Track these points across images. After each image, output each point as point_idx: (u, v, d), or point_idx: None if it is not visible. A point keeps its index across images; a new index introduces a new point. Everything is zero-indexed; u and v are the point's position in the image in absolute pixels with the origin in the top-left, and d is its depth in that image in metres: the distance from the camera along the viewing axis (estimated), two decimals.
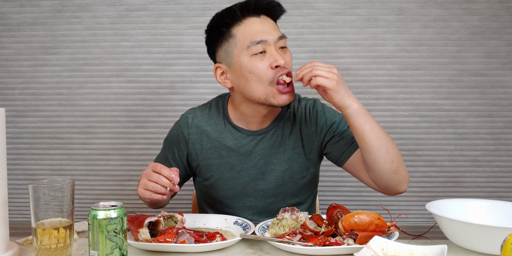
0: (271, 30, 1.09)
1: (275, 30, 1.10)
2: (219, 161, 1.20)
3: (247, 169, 1.20)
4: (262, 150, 1.20)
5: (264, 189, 1.21)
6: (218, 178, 1.21)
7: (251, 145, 1.20)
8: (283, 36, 1.11)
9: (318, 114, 1.21)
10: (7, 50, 1.94)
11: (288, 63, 1.10)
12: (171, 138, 1.25)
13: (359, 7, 1.87)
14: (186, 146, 1.22)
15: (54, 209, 0.88)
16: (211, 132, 1.21)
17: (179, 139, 1.22)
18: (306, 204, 1.28)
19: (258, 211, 1.23)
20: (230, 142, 1.20)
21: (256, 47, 1.07)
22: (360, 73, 1.89)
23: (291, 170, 1.20)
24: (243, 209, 1.23)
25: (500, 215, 1.08)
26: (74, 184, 0.91)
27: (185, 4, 1.89)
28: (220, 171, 1.21)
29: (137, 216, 1.04)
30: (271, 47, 1.08)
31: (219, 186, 1.22)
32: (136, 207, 1.97)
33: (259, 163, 1.20)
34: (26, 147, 1.97)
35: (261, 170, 1.20)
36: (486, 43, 1.87)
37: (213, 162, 1.21)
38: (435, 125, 1.90)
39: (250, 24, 1.09)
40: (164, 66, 1.92)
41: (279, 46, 1.09)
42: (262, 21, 1.10)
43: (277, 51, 1.08)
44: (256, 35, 1.07)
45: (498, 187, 1.91)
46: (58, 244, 0.88)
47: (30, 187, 0.87)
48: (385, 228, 0.97)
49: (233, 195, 1.22)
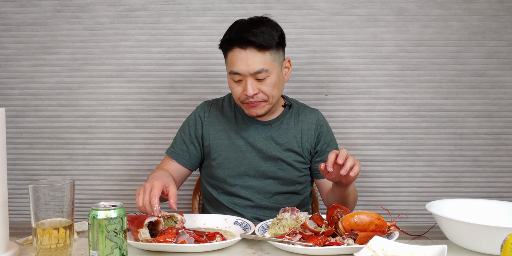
0: (248, 65, 1.22)
1: (254, 64, 1.22)
2: (227, 141, 1.39)
3: (251, 151, 1.38)
4: (264, 138, 1.38)
5: (265, 171, 1.38)
6: (226, 157, 1.38)
7: (255, 133, 1.38)
8: (261, 71, 1.23)
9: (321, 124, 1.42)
10: (7, 50, 1.94)
11: (265, 91, 1.26)
12: (188, 122, 1.44)
13: (359, 7, 1.87)
14: (201, 127, 1.42)
15: (54, 209, 0.88)
16: (223, 118, 1.42)
17: (196, 121, 1.43)
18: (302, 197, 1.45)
19: (258, 191, 1.38)
20: (238, 127, 1.39)
21: (234, 76, 1.26)
22: (360, 73, 1.89)
23: (289, 158, 1.38)
24: (244, 188, 1.38)
25: (500, 215, 1.08)
26: (74, 184, 0.91)
27: (185, 4, 1.89)
28: (228, 151, 1.38)
29: (137, 216, 1.04)
30: (246, 78, 1.24)
31: (225, 165, 1.38)
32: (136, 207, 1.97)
33: (262, 148, 1.37)
34: (26, 147, 1.97)
35: (263, 154, 1.37)
36: (486, 43, 1.87)
37: (222, 142, 1.39)
38: (435, 125, 1.90)
39: (234, 54, 1.24)
40: (164, 66, 1.92)
41: (256, 78, 1.24)
42: (246, 55, 1.22)
43: (251, 81, 1.24)
44: (233, 66, 1.24)
45: (498, 187, 1.91)
46: (58, 244, 0.88)
47: (30, 187, 0.87)
48: (385, 228, 0.97)
49: (237, 174, 1.38)
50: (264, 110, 1.31)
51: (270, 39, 1.23)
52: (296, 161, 1.39)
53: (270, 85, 1.26)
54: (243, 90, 1.26)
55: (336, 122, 1.91)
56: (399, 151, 1.91)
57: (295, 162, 1.38)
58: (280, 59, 1.30)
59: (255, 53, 1.22)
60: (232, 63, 1.25)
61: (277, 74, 1.28)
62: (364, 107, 1.90)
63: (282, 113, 1.42)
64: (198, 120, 1.43)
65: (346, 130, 1.91)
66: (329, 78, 1.90)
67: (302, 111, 1.43)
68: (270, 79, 1.26)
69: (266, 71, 1.24)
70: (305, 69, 1.90)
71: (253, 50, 1.22)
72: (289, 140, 1.38)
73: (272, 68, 1.25)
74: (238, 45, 1.23)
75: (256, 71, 1.22)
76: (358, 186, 1.93)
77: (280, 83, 1.30)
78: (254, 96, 1.26)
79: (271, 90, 1.27)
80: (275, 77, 1.26)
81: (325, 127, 1.43)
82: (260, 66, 1.22)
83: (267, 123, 1.39)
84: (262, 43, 1.21)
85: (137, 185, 1.96)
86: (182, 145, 1.42)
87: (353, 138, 1.91)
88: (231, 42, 1.24)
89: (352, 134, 1.91)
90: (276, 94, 1.30)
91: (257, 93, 1.26)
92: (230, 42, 1.24)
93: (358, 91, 1.90)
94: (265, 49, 1.23)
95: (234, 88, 1.28)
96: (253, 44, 1.21)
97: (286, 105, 1.43)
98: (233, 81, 1.28)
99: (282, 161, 1.38)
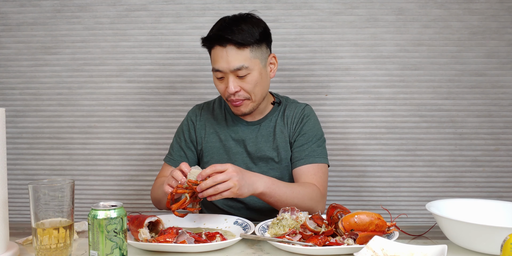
0: (228, 63, 1.24)
1: (234, 62, 1.24)
2: (219, 144, 1.40)
3: (242, 153, 1.39)
4: (253, 138, 1.39)
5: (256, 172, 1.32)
6: (218, 160, 1.39)
7: (245, 133, 1.39)
8: (241, 68, 1.24)
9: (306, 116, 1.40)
10: (7, 50, 1.94)
11: (246, 89, 1.27)
12: (182, 127, 1.46)
13: (359, 7, 1.87)
14: (194, 131, 1.43)
15: (54, 209, 0.88)
16: (214, 120, 1.43)
17: (189, 126, 1.44)
18: None
19: None
20: (229, 129, 1.41)
21: (216, 73, 1.28)
22: (360, 73, 1.89)
23: (278, 157, 1.38)
24: None
25: (500, 215, 1.08)
26: (74, 184, 0.91)
27: (185, 4, 1.89)
28: (220, 153, 1.40)
29: (137, 216, 1.04)
30: (227, 75, 1.26)
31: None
32: (136, 207, 1.97)
33: (252, 149, 1.38)
34: (26, 147, 1.97)
35: (253, 155, 1.38)
36: (486, 43, 1.87)
37: (214, 145, 1.41)
38: (435, 125, 1.90)
39: (216, 51, 1.27)
40: (164, 66, 1.92)
41: (237, 75, 1.26)
42: (226, 52, 1.24)
43: (233, 79, 1.26)
44: (215, 64, 1.27)
45: (498, 187, 1.91)
46: (58, 244, 0.88)
47: (30, 187, 0.87)
48: (385, 228, 0.97)
49: None
50: (248, 109, 1.32)
51: (249, 36, 1.24)
52: (286, 158, 1.38)
53: (251, 82, 1.27)
54: (226, 88, 1.28)
55: (336, 122, 1.91)
56: (399, 151, 1.91)
57: (285, 160, 1.38)
58: (263, 55, 1.30)
59: (234, 51, 1.24)
60: (214, 61, 1.27)
61: (259, 71, 1.28)
62: (364, 107, 1.90)
63: (270, 111, 1.42)
64: (191, 124, 1.44)
65: (346, 130, 1.91)
66: (329, 78, 1.90)
67: (289, 106, 1.42)
68: (251, 76, 1.26)
69: (247, 68, 1.25)
70: (305, 69, 1.90)
71: (233, 47, 1.24)
72: (277, 138, 1.38)
73: (253, 65, 1.26)
74: (218, 43, 1.25)
75: (236, 68, 1.24)
76: (358, 186, 1.93)
77: (263, 80, 1.30)
78: (236, 94, 1.27)
79: (253, 87, 1.27)
80: (256, 74, 1.27)
81: (310, 118, 1.40)
82: (239, 63, 1.24)
83: (256, 123, 1.40)
84: (240, 41, 1.23)
85: (137, 185, 1.96)
86: (180, 151, 1.43)
87: (353, 138, 1.91)
88: (211, 40, 1.27)
89: (352, 134, 1.91)
90: (259, 92, 1.30)
91: (238, 91, 1.27)
92: (210, 40, 1.27)
93: (358, 91, 1.90)
94: (244, 46, 1.24)
95: (218, 85, 1.31)
96: (231, 42, 1.23)
97: (275, 103, 1.42)
98: (216, 80, 1.30)
99: (272, 161, 1.38)
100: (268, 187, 1.15)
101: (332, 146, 1.90)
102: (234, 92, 1.27)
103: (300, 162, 1.34)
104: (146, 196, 1.97)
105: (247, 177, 1.10)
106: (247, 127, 1.40)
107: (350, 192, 1.94)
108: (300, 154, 1.35)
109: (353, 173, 1.93)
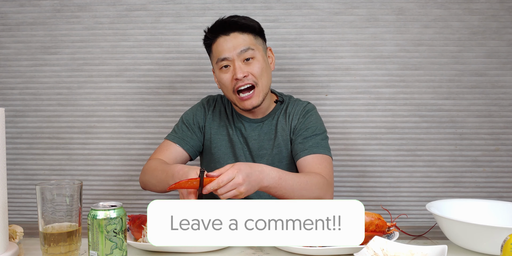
0: (234, 47, 1.28)
1: (239, 46, 1.28)
2: (227, 137, 1.42)
3: (245, 149, 1.41)
4: (256, 136, 1.41)
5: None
6: (225, 152, 1.42)
7: (248, 130, 1.41)
8: (247, 49, 1.28)
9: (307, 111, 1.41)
10: (7, 50, 1.94)
11: (253, 73, 1.29)
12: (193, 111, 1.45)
13: (359, 7, 1.87)
14: (205, 118, 1.44)
15: (62, 212, 0.87)
16: (224, 113, 1.45)
17: (202, 111, 1.45)
18: None
19: None
20: (234, 124, 1.43)
21: (221, 62, 1.30)
22: (360, 73, 1.89)
23: (280, 155, 1.39)
24: None
25: (500, 215, 1.08)
26: (81, 186, 0.90)
27: (185, 4, 1.89)
28: (226, 147, 1.42)
29: (138, 216, 1.04)
30: (233, 62, 1.28)
31: (224, 160, 1.41)
32: (136, 207, 1.97)
33: (254, 147, 1.40)
34: (25, 147, 1.97)
35: (255, 153, 1.40)
36: (486, 43, 1.86)
37: (222, 137, 1.42)
38: (435, 125, 1.90)
39: (219, 42, 1.30)
40: (164, 66, 1.92)
41: (243, 58, 1.28)
42: (230, 39, 1.29)
43: (239, 64, 1.28)
44: (221, 53, 1.29)
45: (498, 187, 1.91)
46: (65, 248, 0.87)
47: (38, 188, 0.86)
48: (385, 228, 0.97)
49: None
50: (259, 100, 1.32)
51: (252, 22, 1.32)
52: (287, 157, 1.39)
53: (257, 67, 1.29)
54: (233, 76, 1.28)
55: (336, 122, 1.90)
56: (399, 151, 1.91)
57: (286, 158, 1.39)
58: (263, 46, 1.36)
59: (239, 35, 1.29)
60: (218, 52, 1.30)
61: (263, 57, 1.33)
62: (364, 107, 1.90)
63: (273, 109, 1.43)
64: (204, 111, 1.45)
65: (346, 130, 1.91)
66: (329, 78, 1.90)
67: (291, 104, 1.43)
68: (257, 61, 1.30)
69: (253, 50, 1.29)
70: (305, 69, 1.89)
71: (236, 33, 1.29)
72: (278, 136, 1.39)
73: (257, 49, 1.31)
74: (222, 32, 1.29)
75: (242, 49, 1.28)
76: (358, 186, 1.93)
77: (267, 68, 1.34)
78: (244, 78, 1.28)
79: (260, 72, 1.30)
80: (261, 60, 1.31)
81: (312, 114, 1.41)
82: (245, 45, 1.28)
83: (259, 120, 1.42)
84: (244, 22, 1.30)
85: (137, 185, 1.96)
86: (186, 131, 1.42)
87: (353, 138, 1.91)
88: (215, 31, 1.31)
89: (352, 134, 1.91)
90: (265, 80, 1.33)
91: (246, 75, 1.28)
92: (214, 31, 1.31)
93: (358, 91, 1.90)
94: (247, 30, 1.30)
95: (224, 78, 1.31)
96: (236, 26, 1.29)
97: (278, 101, 1.43)
98: (221, 73, 1.31)
99: (273, 159, 1.39)
100: (274, 182, 1.13)
101: (332, 146, 1.89)
102: (243, 77, 1.27)
103: (304, 152, 1.33)
104: (146, 196, 1.97)
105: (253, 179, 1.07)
106: (250, 125, 1.42)
107: (350, 192, 1.94)
108: (304, 145, 1.34)
109: (353, 173, 1.93)
